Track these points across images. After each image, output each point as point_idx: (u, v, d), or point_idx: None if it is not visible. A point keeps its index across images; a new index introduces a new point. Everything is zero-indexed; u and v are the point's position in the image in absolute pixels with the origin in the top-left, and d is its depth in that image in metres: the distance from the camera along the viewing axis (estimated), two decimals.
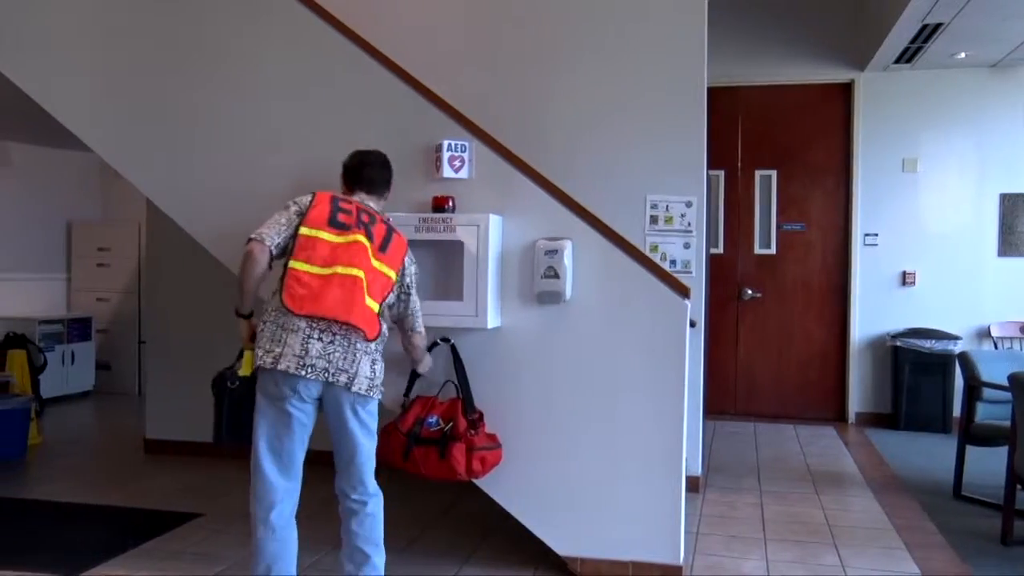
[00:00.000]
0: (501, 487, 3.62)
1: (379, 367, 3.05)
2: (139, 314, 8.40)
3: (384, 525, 3.19)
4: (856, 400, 7.18)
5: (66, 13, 4.18)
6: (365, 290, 2.95)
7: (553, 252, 3.50)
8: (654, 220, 4.81)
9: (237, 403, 3.15)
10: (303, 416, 2.99)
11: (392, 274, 3.09)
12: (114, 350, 8.52)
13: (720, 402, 7.32)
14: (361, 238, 3.00)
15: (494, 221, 3.55)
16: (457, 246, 3.54)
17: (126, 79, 4.09)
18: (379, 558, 3.14)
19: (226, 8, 3.98)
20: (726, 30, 6.51)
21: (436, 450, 3.40)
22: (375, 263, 3.01)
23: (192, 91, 3.98)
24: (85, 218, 8.86)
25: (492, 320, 3.54)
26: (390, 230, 3.14)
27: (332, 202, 3.06)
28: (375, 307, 3.00)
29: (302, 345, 2.88)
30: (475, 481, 3.59)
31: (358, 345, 2.96)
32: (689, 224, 4.80)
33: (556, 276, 3.49)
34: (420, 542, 4.09)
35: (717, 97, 5.71)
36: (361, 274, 2.96)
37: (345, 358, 2.92)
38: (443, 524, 4.37)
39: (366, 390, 2.97)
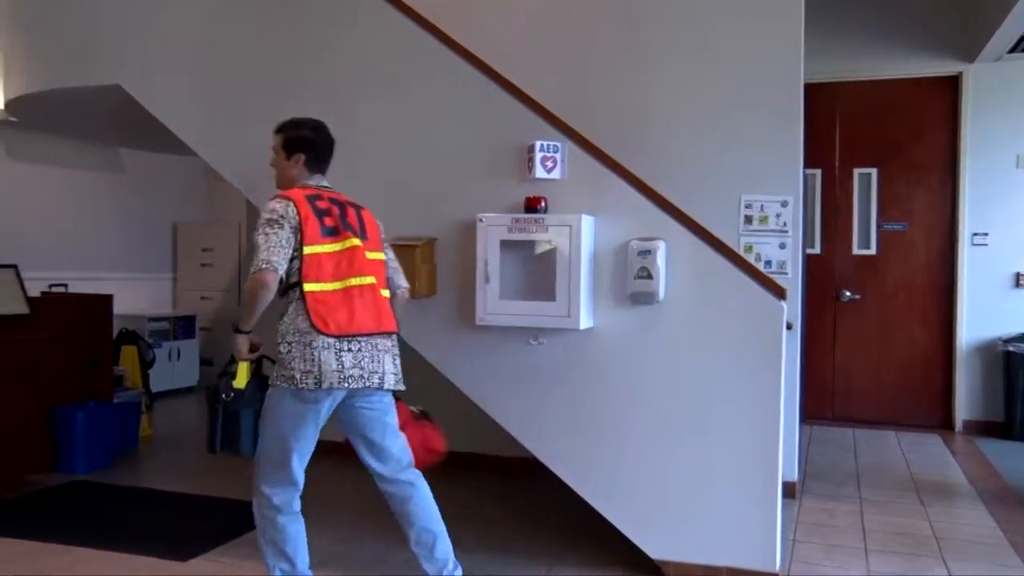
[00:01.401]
0: (592, 487, 3.62)
1: (399, 360, 3.17)
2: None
3: (477, 526, 3.22)
4: (964, 407, 6.89)
5: (176, 33, 4.39)
6: (379, 289, 3.09)
7: (646, 252, 3.47)
8: (748, 220, 4.72)
9: (232, 415, 3.21)
10: (326, 417, 3.13)
11: (381, 255, 3.20)
12: (216, 347, 8.84)
13: (817, 406, 7.13)
14: (355, 241, 3.06)
15: (586, 221, 3.54)
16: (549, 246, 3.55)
17: (229, 88, 4.26)
18: (445, 532, 3.28)
19: (321, 15, 4.08)
20: (824, 25, 6.33)
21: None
22: (370, 256, 3.10)
23: (290, 96, 4.09)
24: (190, 220, 9.23)
25: (584, 321, 3.54)
26: (358, 210, 3.18)
27: (314, 210, 3.03)
28: (387, 294, 3.16)
29: (337, 360, 2.96)
30: (567, 481, 3.60)
31: (380, 345, 3.07)
32: (785, 224, 4.69)
33: (649, 277, 3.47)
34: (509, 541, 4.11)
35: (814, 94, 5.58)
36: (373, 280, 3.06)
37: (372, 360, 3.03)
38: (534, 524, 4.38)
39: (394, 384, 3.11)
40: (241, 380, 3.18)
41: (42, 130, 6.94)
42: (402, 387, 3.15)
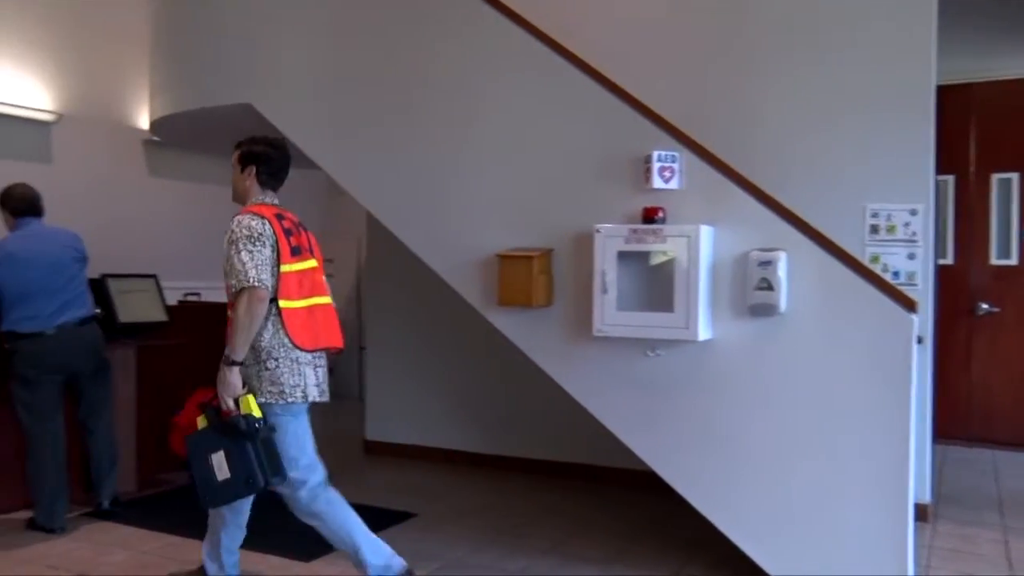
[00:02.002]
0: (710, 501, 3.55)
1: None
2: (359, 322, 8.94)
3: (591, 536, 3.21)
4: None
5: (302, 54, 4.58)
6: (333, 308, 3.30)
7: (767, 263, 3.39)
8: (875, 230, 4.54)
9: (266, 442, 3.14)
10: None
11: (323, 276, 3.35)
12: (337, 355, 9.09)
13: (951, 426, 6.76)
14: (313, 262, 3.26)
15: (705, 232, 3.48)
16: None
17: (351, 105, 4.40)
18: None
19: (439, 32, 4.17)
20: (957, 23, 6.03)
21: None
22: (323, 275, 3.32)
23: (409, 113, 4.21)
24: (312, 231, 9.51)
25: (703, 332, 3.47)
26: (306, 231, 3.35)
27: (283, 229, 3.17)
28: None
29: (314, 374, 3.18)
30: (684, 494, 3.54)
31: (324, 358, 3.29)
32: (914, 233, 4.49)
33: (770, 288, 3.38)
34: (627, 554, 4.07)
35: (946, 96, 5.31)
36: (329, 300, 3.28)
37: (326, 375, 3.29)
38: (651, 537, 4.33)
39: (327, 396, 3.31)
40: (256, 409, 3.09)
41: (180, 148, 7.34)
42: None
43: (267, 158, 3.36)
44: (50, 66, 6.69)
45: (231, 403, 3.07)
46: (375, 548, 3.35)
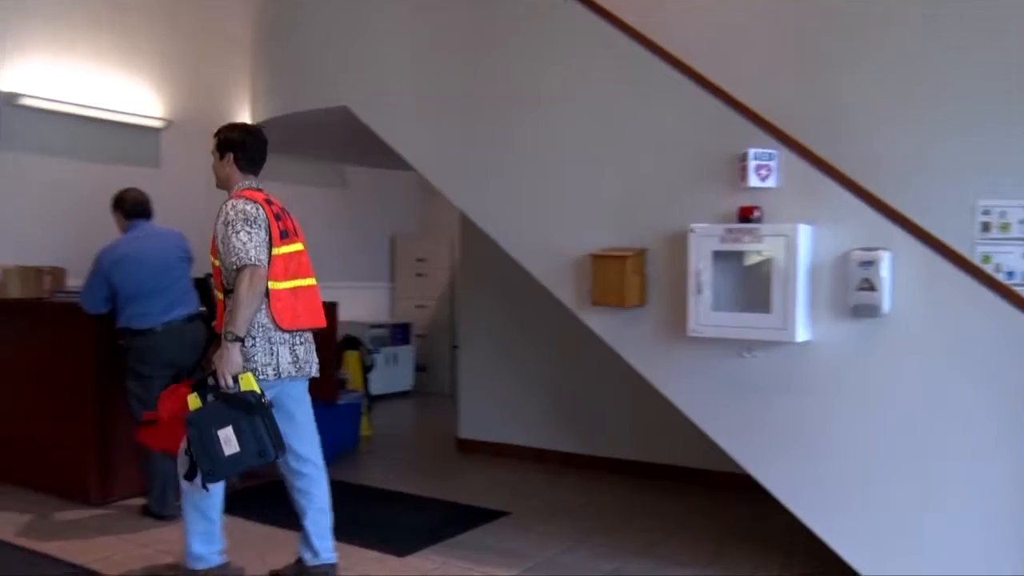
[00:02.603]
0: (806, 504, 3.46)
1: None
2: (452, 321, 9.06)
3: (684, 538, 3.17)
4: None
5: (397, 56, 4.64)
6: (317, 289, 3.46)
7: (868, 263, 3.29)
8: (986, 228, 4.35)
9: (272, 418, 3.20)
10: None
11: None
12: (430, 354, 9.25)
13: None
14: (300, 246, 3.42)
15: (803, 231, 3.40)
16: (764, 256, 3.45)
17: (445, 106, 4.45)
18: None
19: (533, 32, 4.18)
20: None
21: None
22: (307, 257, 3.46)
23: (503, 113, 4.23)
24: (406, 231, 9.72)
25: (801, 333, 3.39)
26: (290, 215, 3.50)
27: (273, 214, 3.33)
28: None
29: (291, 353, 3.31)
30: (778, 496, 3.47)
31: (311, 338, 3.45)
32: None
33: (872, 289, 3.28)
34: (722, 557, 4.02)
35: None
36: (313, 281, 3.45)
37: (309, 352, 3.42)
38: (746, 541, 4.26)
39: (317, 372, 3.48)
40: (256, 386, 3.18)
41: (278, 150, 7.54)
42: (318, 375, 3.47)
43: (243, 144, 3.50)
44: (160, 75, 6.99)
45: (231, 380, 3.14)
46: (211, 539, 3.44)
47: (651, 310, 3.79)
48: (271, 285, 3.25)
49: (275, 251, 3.28)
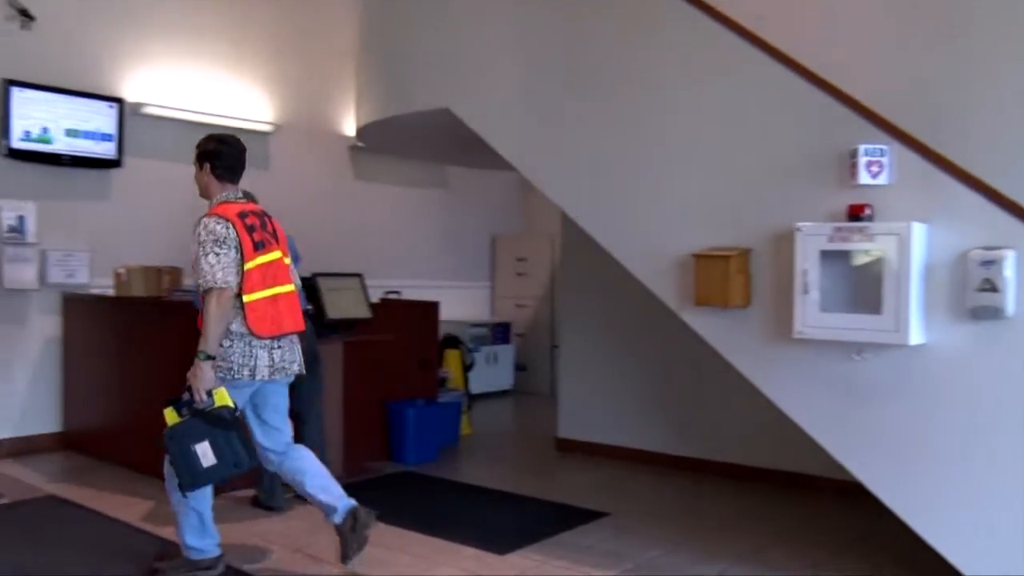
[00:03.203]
0: (917, 513, 3.32)
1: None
2: (552, 320, 9.07)
3: (791, 544, 3.08)
4: None
5: (498, 59, 4.69)
6: (296, 294, 3.59)
7: (990, 263, 3.13)
8: None
9: (244, 428, 3.44)
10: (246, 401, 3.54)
11: (288, 260, 3.62)
12: (530, 353, 9.28)
13: None
14: (277, 253, 3.52)
15: (918, 229, 3.26)
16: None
17: (546, 107, 4.46)
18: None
19: (634, 31, 4.14)
20: None
21: None
22: (286, 261, 3.59)
23: (601, 114, 4.21)
24: (506, 231, 9.78)
25: (915, 336, 3.26)
26: (271, 220, 3.59)
27: (245, 228, 3.40)
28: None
29: (269, 356, 3.44)
30: (888, 504, 3.34)
31: (295, 340, 3.61)
32: None
33: (994, 290, 3.11)
34: (829, 567, 3.89)
35: None
36: (292, 287, 3.57)
37: (291, 353, 3.56)
38: (855, 550, 4.11)
39: (300, 370, 3.62)
40: (230, 400, 3.33)
41: (382, 152, 7.73)
42: (304, 372, 3.64)
43: (218, 153, 3.58)
44: (271, 81, 7.24)
45: (205, 395, 3.29)
46: (204, 532, 3.52)
47: (755, 311, 3.71)
48: (246, 298, 3.38)
49: (250, 264, 3.39)
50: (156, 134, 6.42)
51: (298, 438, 4.80)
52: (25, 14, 5.66)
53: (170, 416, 3.36)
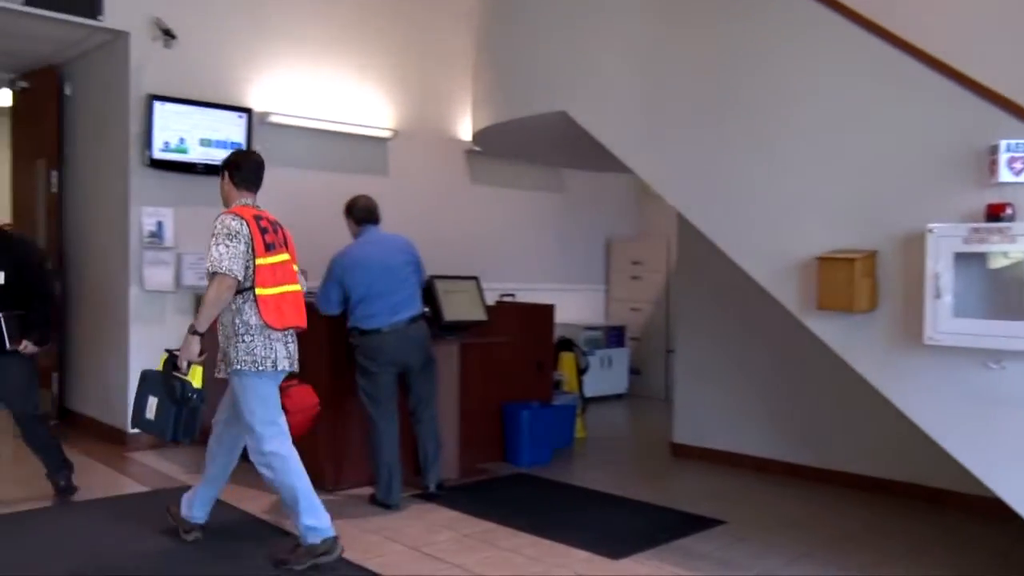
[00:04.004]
0: None
1: None
2: (667, 324, 8.94)
3: (920, 560, 2.94)
4: None
5: (616, 61, 4.66)
6: (301, 294, 3.93)
7: None
8: None
9: (194, 411, 3.81)
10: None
11: (297, 266, 3.97)
12: (644, 357, 9.18)
13: None
14: (285, 255, 3.87)
15: None
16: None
17: (663, 108, 4.40)
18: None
19: (751, 23, 4.04)
20: None
21: None
22: (294, 267, 3.93)
23: (721, 114, 4.12)
24: (621, 234, 9.71)
25: None
26: (282, 229, 3.96)
27: (259, 229, 3.76)
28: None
29: (285, 348, 3.78)
30: None
31: (295, 336, 3.88)
32: None
33: None
34: None
35: None
36: (298, 287, 3.91)
37: (295, 348, 3.87)
38: (993, 569, 3.89)
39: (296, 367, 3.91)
40: (198, 380, 3.74)
41: (498, 156, 7.80)
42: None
43: (237, 165, 3.97)
44: (390, 88, 7.42)
45: (185, 365, 3.73)
46: (314, 512, 3.75)
47: (882, 315, 3.55)
48: (259, 291, 3.71)
49: (260, 261, 3.73)
50: (281, 141, 6.67)
51: (413, 437, 4.92)
52: (168, 34, 6.00)
53: (161, 361, 3.84)
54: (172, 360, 3.79)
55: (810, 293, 3.70)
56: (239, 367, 3.71)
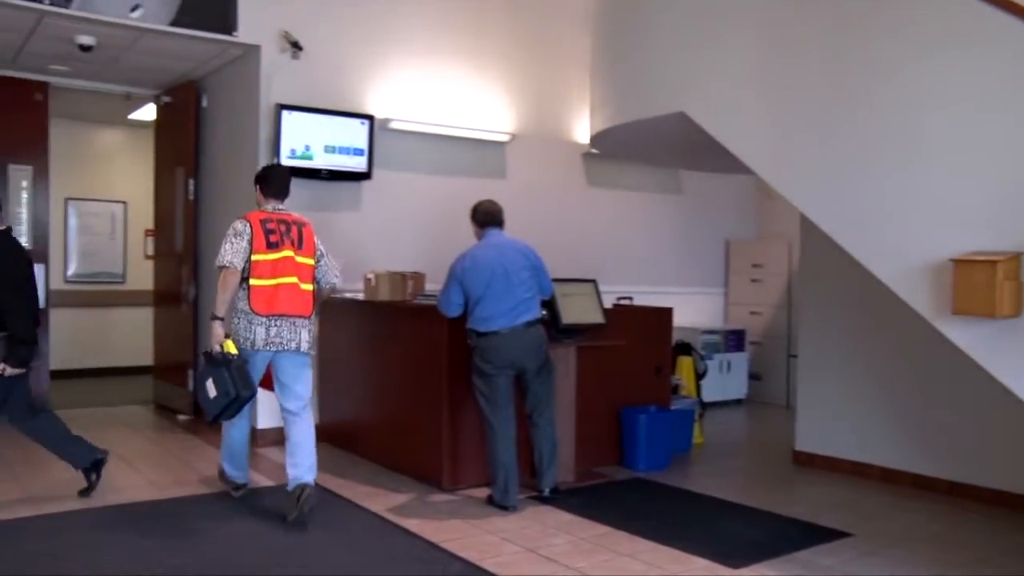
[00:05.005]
0: None
1: (312, 333, 4.57)
2: (789, 328, 8.69)
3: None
4: None
5: (737, 59, 4.57)
6: (300, 284, 4.48)
7: None
8: None
9: (241, 367, 4.33)
10: (262, 367, 4.52)
11: (311, 260, 4.57)
12: (765, 362, 8.94)
13: None
14: (288, 252, 4.45)
15: None
16: None
17: (788, 107, 4.28)
18: (311, 448, 4.54)
19: (881, 14, 3.88)
20: None
21: None
22: (300, 260, 4.49)
23: (849, 108, 3.97)
24: (740, 236, 9.49)
25: None
26: (300, 227, 4.56)
27: (263, 227, 4.42)
28: (311, 287, 4.56)
29: (266, 331, 4.39)
30: None
31: (298, 323, 4.47)
32: None
33: None
34: None
35: None
36: (295, 279, 4.46)
37: (291, 332, 4.45)
38: None
39: (307, 349, 4.53)
40: (232, 348, 4.35)
41: (615, 158, 7.76)
42: (311, 351, 4.57)
43: (262, 177, 4.69)
44: (507, 93, 7.49)
45: (216, 347, 4.34)
46: (238, 463, 4.77)
47: None
48: (252, 282, 4.37)
49: (258, 256, 4.37)
50: (401, 147, 6.83)
51: (530, 440, 4.95)
52: (295, 45, 6.24)
53: (202, 363, 4.52)
54: (207, 353, 4.45)
55: (944, 297, 3.51)
56: (241, 345, 4.44)
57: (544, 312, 4.99)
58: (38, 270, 7.25)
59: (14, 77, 7.20)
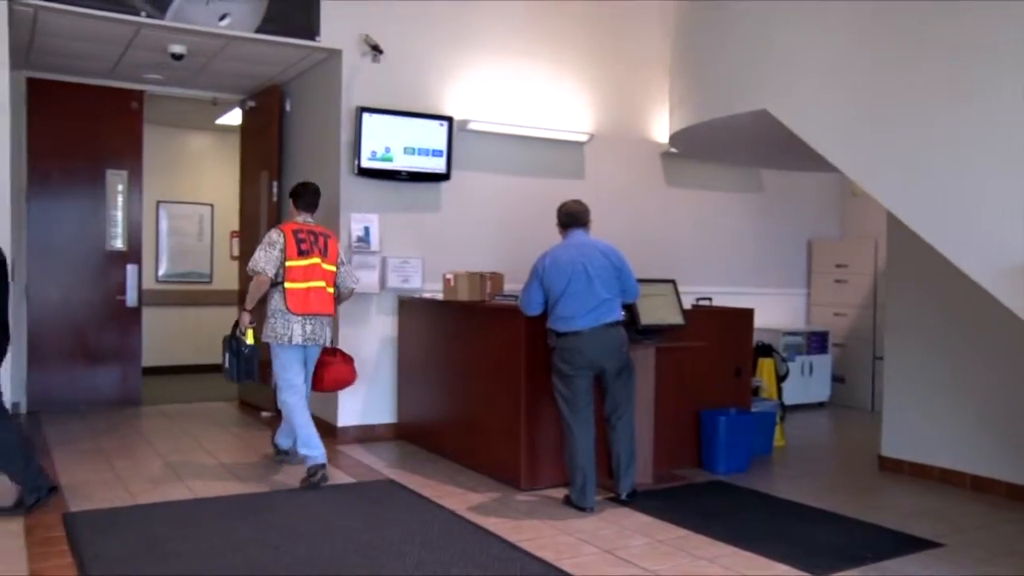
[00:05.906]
0: None
1: (331, 328, 5.37)
2: (874, 330, 8.45)
3: None
4: None
5: (821, 54, 4.48)
6: (326, 288, 5.21)
7: None
8: None
9: (248, 359, 5.28)
10: (300, 358, 5.26)
11: (334, 267, 5.30)
12: (849, 364, 8.72)
13: None
14: (316, 259, 5.16)
15: None
16: None
17: (878, 101, 4.16)
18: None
19: (973, 7, 3.74)
20: None
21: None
22: (325, 267, 5.22)
23: (939, 102, 3.85)
24: (823, 236, 9.27)
25: None
26: (326, 238, 5.29)
27: (295, 237, 5.14)
28: (333, 291, 5.29)
29: (301, 328, 5.11)
30: None
31: (324, 321, 5.23)
32: None
33: None
34: None
35: None
36: (323, 284, 5.19)
37: (319, 329, 5.19)
38: None
39: (329, 342, 5.33)
40: (251, 338, 5.28)
41: (693, 157, 7.67)
42: (335, 346, 5.49)
43: (295, 193, 5.43)
44: (585, 93, 7.48)
45: (240, 332, 5.29)
46: (308, 444, 5.11)
47: None
48: (287, 285, 5.08)
49: (292, 263, 5.08)
50: (480, 148, 6.88)
51: (608, 441, 4.92)
52: (376, 49, 6.35)
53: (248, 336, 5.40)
54: (234, 328, 5.36)
55: None
56: (268, 340, 5.17)
57: (624, 312, 4.96)
58: (131, 270, 7.68)
59: (112, 87, 7.54)
